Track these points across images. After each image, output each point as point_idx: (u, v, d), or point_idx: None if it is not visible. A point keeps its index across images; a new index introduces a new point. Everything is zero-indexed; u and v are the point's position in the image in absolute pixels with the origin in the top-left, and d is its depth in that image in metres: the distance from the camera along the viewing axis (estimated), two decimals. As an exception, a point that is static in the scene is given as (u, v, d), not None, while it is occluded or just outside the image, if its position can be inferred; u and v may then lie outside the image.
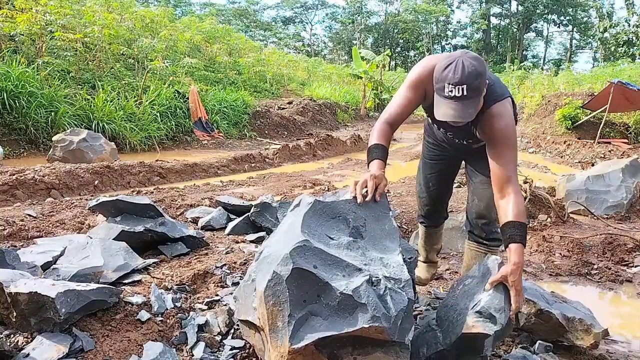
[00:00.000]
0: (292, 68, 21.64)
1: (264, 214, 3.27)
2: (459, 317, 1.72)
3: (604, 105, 11.63)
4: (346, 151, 10.85)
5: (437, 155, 2.54)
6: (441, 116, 1.79)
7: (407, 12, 51.18)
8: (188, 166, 6.99)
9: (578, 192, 5.40)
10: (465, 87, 1.72)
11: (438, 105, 1.80)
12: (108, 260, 2.21)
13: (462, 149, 2.35)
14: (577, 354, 2.16)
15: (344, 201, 1.80)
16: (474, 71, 1.73)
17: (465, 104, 1.74)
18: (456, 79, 1.72)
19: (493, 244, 2.35)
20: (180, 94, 10.89)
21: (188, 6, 44.64)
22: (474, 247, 2.42)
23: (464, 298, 1.79)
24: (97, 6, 11.50)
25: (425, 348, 1.76)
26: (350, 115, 17.87)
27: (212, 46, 16.43)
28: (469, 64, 1.73)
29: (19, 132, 7.76)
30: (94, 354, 1.65)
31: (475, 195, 2.36)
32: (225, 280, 2.33)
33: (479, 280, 1.80)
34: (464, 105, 1.74)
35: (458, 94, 1.73)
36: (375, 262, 1.63)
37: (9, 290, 1.66)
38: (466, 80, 1.72)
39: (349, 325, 1.45)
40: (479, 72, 1.74)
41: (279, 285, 1.50)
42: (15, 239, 2.93)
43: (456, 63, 1.74)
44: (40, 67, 8.77)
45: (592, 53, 48.33)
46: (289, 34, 55.21)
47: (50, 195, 4.99)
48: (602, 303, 3.15)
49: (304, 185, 5.95)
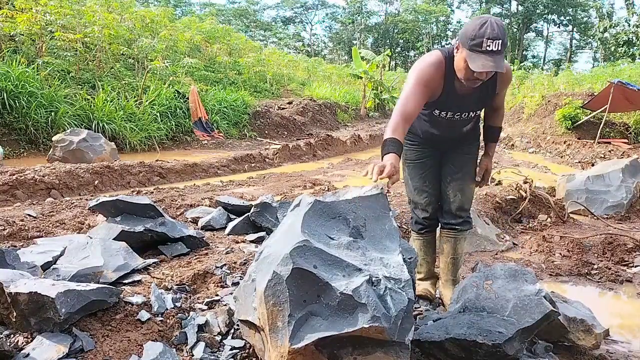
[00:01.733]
0: (292, 68, 21.64)
1: (264, 214, 3.27)
2: None
3: (604, 105, 11.63)
4: (346, 151, 10.85)
5: (423, 154, 2.61)
6: (480, 68, 1.99)
7: (407, 12, 51.20)
8: (188, 166, 6.99)
9: (578, 192, 5.39)
10: (501, 42, 1.97)
11: (474, 60, 2.00)
12: (108, 260, 2.21)
13: (449, 139, 2.54)
14: (578, 354, 2.16)
15: (344, 201, 1.80)
16: (504, 29, 2.02)
17: (500, 57, 2.00)
18: (494, 35, 1.96)
19: (465, 228, 2.65)
20: (180, 94, 10.89)
21: (188, 6, 44.68)
22: (452, 234, 2.66)
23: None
24: (97, 6, 11.49)
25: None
26: (350, 115, 17.87)
27: (212, 46, 16.43)
28: (500, 22, 2.01)
29: (19, 132, 7.76)
30: (94, 354, 1.65)
31: (458, 191, 2.58)
32: (225, 280, 2.33)
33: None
34: (499, 57, 2.00)
35: (495, 48, 1.97)
36: (375, 262, 1.63)
37: (9, 290, 1.66)
38: (502, 36, 1.98)
39: (349, 325, 1.45)
40: (505, 30, 2.04)
41: (279, 285, 1.50)
42: (15, 239, 2.93)
43: (490, 22, 1.99)
44: (40, 67, 8.77)
45: (592, 53, 48.38)
46: (289, 34, 55.23)
47: (50, 195, 4.99)
48: (602, 303, 3.15)
49: (304, 185, 5.95)
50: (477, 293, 2.01)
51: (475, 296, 2.01)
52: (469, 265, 3.47)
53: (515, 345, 1.76)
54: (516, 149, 13.06)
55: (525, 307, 1.85)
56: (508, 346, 1.72)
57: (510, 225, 4.65)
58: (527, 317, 1.82)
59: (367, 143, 12.08)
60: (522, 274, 2.02)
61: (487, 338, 1.73)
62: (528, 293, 1.89)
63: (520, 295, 1.90)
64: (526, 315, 1.82)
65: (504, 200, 4.85)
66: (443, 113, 2.37)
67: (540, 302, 1.84)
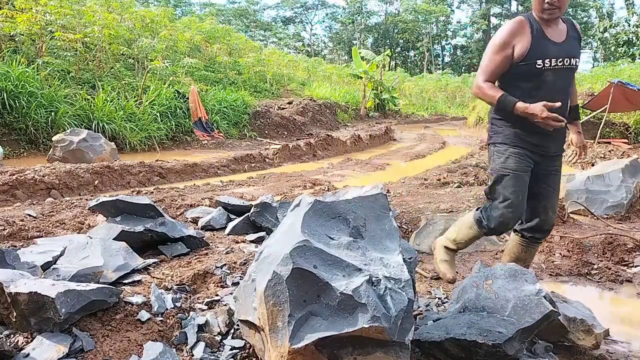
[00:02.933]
0: (292, 68, 21.66)
1: (264, 214, 3.27)
2: None
3: (604, 105, 11.63)
4: (346, 151, 10.85)
5: (523, 163, 2.47)
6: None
7: (407, 12, 51.19)
8: (188, 166, 6.99)
9: (578, 192, 5.39)
10: None
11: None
12: (108, 260, 2.21)
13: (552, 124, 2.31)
14: (578, 354, 2.16)
15: (344, 201, 1.80)
16: None
17: None
18: None
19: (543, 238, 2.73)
20: (180, 94, 10.89)
21: (188, 6, 44.70)
22: (534, 245, 2.72)
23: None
24: (97, 6, 11.50)
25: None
26: (350, 115, 17.87)
27: (212, 46, 16.45)
28: None
29: (19, 132, 7.76)
30: (94, 354, 1.65)
31: (551, 210, 2.60)
32: (225, 280, 2.33)
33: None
34: None
35: None
36: (375, 262, 1.63)
37: (9, 290, 1.66)
38: None
39: (349, 325, 1.45)
40: None
41: (279, 285, 1.50)
42: (15, 239, 2.93)
43: None
44: (40, 67, 8.77)
45: (592, 53, 48.33)
46: (289, 34, 55.22)
47: (50, 195, 4.99)
48: (602, 303, 3.15)
49: (304, 185, 5.95)
50: (477, 293, 2.01)
51: (475, 296, 2.01)
52: (469, 265, 3.47)
53: (515, 345, 1.75)
54: (516, 149, 13.03)
55: (525, 307, 1.85)
56: (508, 346, 1.72)
57: (510, 225, 4.65)
58: (527, 317, 1.82)
59: (367, 143, 12.08)
60: (522, 274, 2.02)
61: (487, 338, 1.72)
62: (528, 293, 1.89)
63: (520, 295, 1.90)
64: (526, 315, 1.82)
65: (504, 200, 4.84)
66: (547, 62, 2.34)
67: (540, 302, 1.84)
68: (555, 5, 2.30)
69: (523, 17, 2.40)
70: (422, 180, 6.33)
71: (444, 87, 31.41)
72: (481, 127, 18.21)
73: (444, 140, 13.72)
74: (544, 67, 2.35)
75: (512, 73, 2.41)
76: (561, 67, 2.38)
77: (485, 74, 2.42)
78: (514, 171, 2.45)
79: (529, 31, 2.36)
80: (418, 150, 11.36)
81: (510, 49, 2.36)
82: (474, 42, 53.01)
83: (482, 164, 7.97)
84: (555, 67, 2.37)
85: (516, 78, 2.41)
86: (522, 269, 2.06)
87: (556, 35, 2.39)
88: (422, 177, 6.74)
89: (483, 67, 2.43)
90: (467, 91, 29.56)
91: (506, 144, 2.48)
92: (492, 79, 2.44)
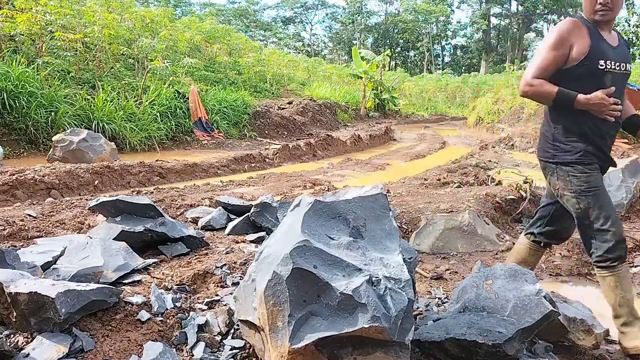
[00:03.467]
0: (292, 68, 21.66)
1: (264, 214, 3.27)
2: None
3: (604, 105, 11.60)
4: (346, 151, 10.85)
5: (597, 176, 2.35)
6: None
7: (407, 12, 51.16)
8: (188, 166, 6.99)
9: (578, 192, 5.38)
10: None
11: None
12: (108, 260, 2.21)
13: (613, 124, 2.32)
14: (578, 354, 2.16)
15: (344, 201, 1.80)
16: None
17: None
18: None
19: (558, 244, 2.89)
20: (180, 94, 10.89)
21: (188, 6, 44.69)
22: (543, 250, 2.74)
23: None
24: (97, 6, 11.50)
25: None
26: (350, 115, 17.87)
27: (212, 46, 16.45)
28: None
29: (19, 132, 7.76)
30: (94, 354, 1.65)
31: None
32: (225, 280, 2.33)
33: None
34: None
35: None
36: (375, 262, 1.63)
37: (9, 290, 1.66)
38: None
39: (349, 325, 1.45)
40: None
41: (279, 285, 1.50)
42: (15, 239, 2.93)
43: None
44: (40, 67, 8.77)
45: (592, 53, 48.26)
46: (289, 34, 55.22)
47: (50, 195, 4.99)
48: (602, 303, 3.15)
49: (304, 185, 5.94)
50: (477, 293, 2.01)
51: (475, 296, 2.01)
52: (468, 265, 3.47)
53: (515, 345, 1.75)
54: (516, 149, 13.04)
55: (525, 307, 1.85)
56: (508, 346, 1.72)
57: (510, 225, 4.65)
58: (527, 317, 1.82)
59: (367, 143, 12.08)
60: (522, 274, 2.02)
61: (487, 338, 1.72)
62: (528, 293, 1.89)
63: (520, 295, 1.90)
64: (526, 315, 1.82)
65: (504, 200, 4.85)
66: (609, 63, 2.27)
67: (540, 302, 1.84)
68: (608, 6, 2.24)
69: (576, 18, 2.32)
70: (422, 180, 6.32)
71: (444, 87, 31.40)
72: (481, 127, 18.22)
73: (444, 140, 13.73)
74: (605, 69, 2.26)
75: (570, 74, 2.28)
76: (619, 71, 2.31)
77: (538, 71, 2.28)
78: (598, 187, 2.29)
79: (586, 32, 2.28)
80: (418, 150, 11.36)
81: (568, 47, 2.26)
82: (474, 42, 53.00)
83: (482, 164, 7.97)
84: (613, 70, 2.29)
85: (575, 79, 2.28)
86: (522, 269, 2.06)
87: (611, 39, 2.33)
88: (422, 177, 6.74)
89: (535, 65, 2.30)
90: (467, 91, 29.55)
91: (579, 162, 2.31)
92: (544, 77, 2.29)
